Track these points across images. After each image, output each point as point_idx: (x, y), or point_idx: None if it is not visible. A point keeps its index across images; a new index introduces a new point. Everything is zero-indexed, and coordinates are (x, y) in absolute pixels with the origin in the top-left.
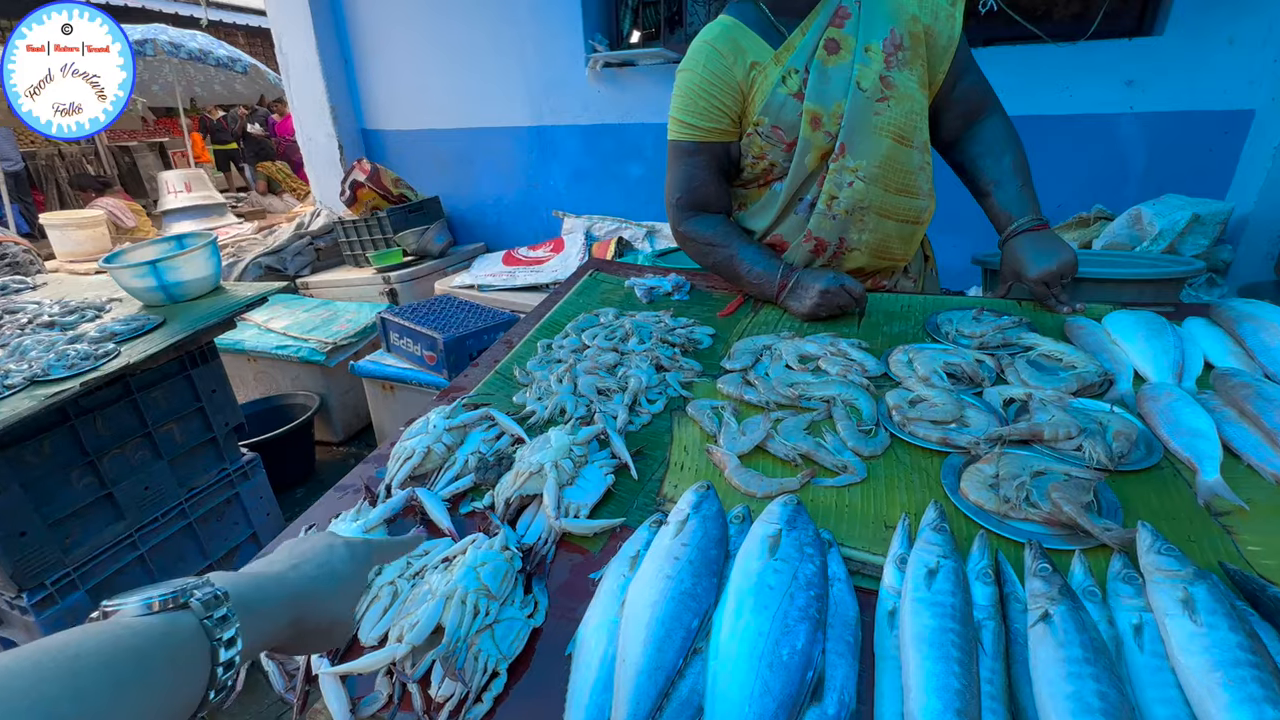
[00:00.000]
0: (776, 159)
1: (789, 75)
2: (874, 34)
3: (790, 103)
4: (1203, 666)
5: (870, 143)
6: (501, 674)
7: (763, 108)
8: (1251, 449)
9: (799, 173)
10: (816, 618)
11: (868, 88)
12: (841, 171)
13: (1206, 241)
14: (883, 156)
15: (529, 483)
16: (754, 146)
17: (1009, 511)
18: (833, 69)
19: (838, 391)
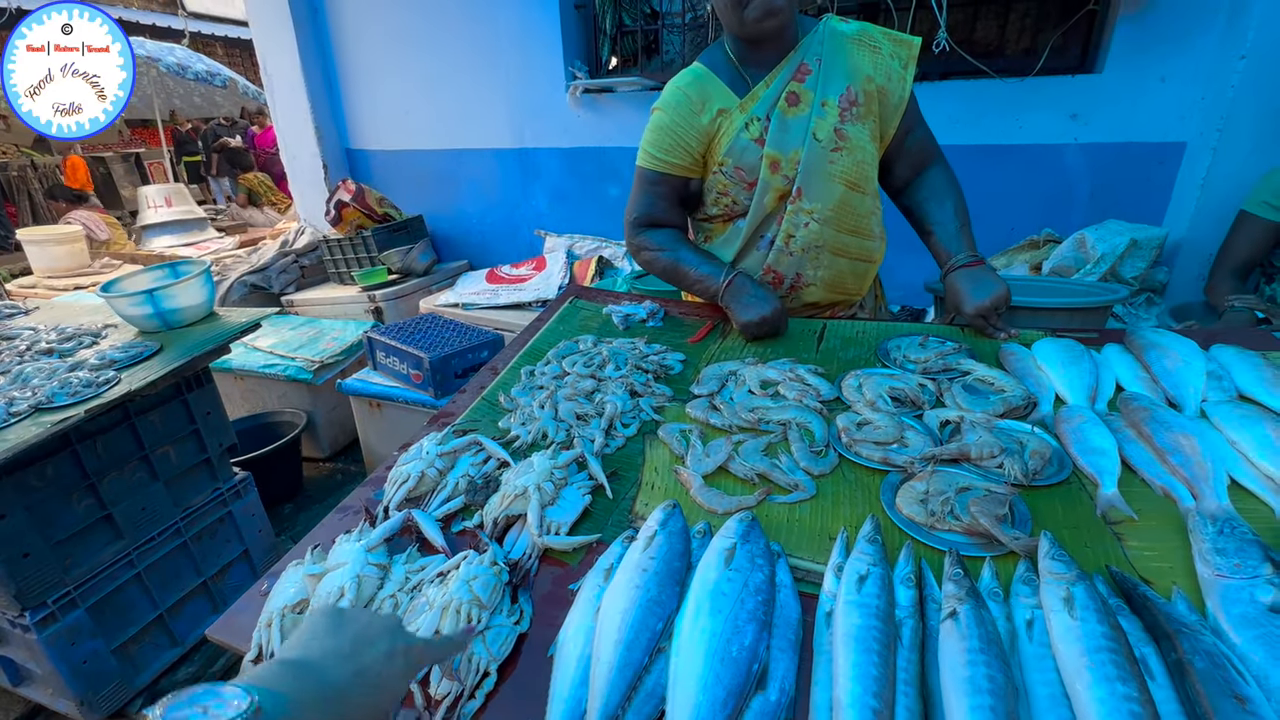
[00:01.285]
0: (738, 197)
1: (751, 122)
2: (831, 90)
3: (752, 147)
4: (1074, 652)
5: (825, 188)
6: (492, 674)
7: (727, 150)
8: (1145, 465)
9: (759, 211)
10: (763, 619)
11: (823, 138)
12: (798, 213)
13: (1144, 264)
14: (836, 200)
15: (514, 504)
16: (718, 184)
17: (935, 524)
18: (792, 119)
19: (793, 415)
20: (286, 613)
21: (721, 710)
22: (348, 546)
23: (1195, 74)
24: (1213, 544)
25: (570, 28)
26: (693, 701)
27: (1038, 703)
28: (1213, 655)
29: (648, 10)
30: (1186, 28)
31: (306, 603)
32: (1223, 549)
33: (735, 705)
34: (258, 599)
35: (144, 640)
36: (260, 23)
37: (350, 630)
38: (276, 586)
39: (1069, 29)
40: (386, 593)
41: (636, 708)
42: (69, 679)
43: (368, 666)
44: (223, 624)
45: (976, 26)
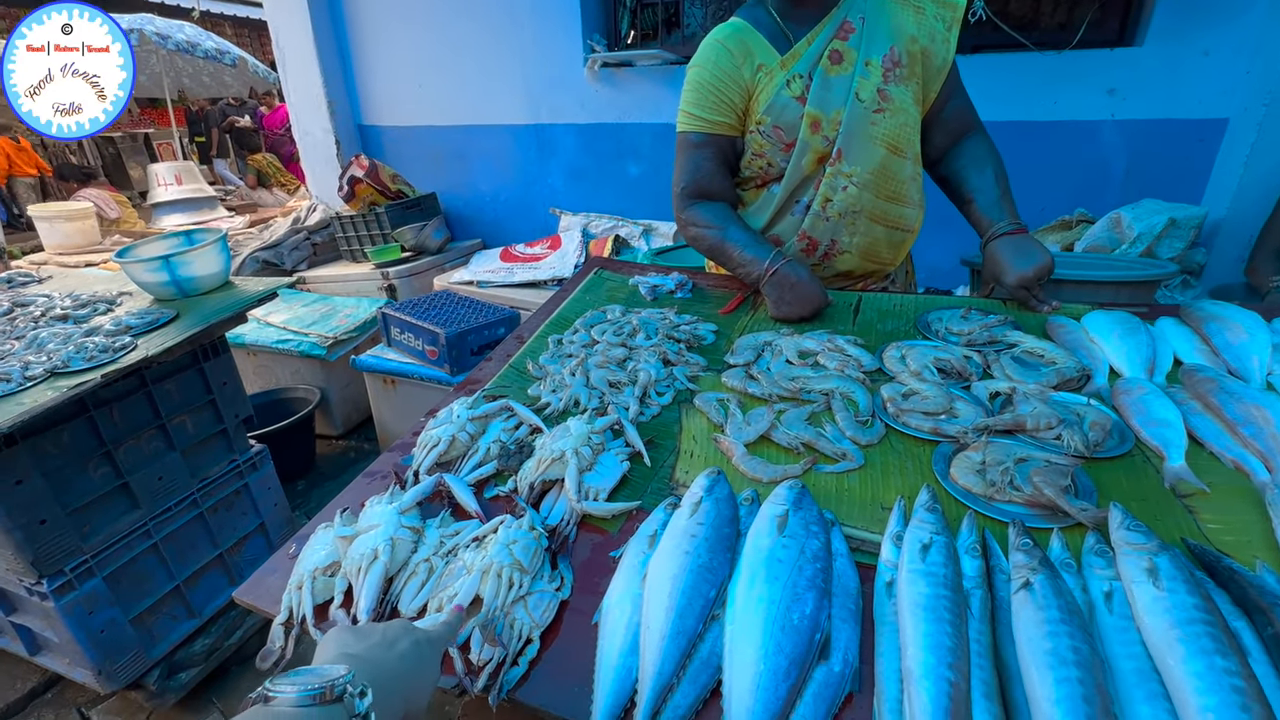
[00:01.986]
0: (773, 159)
1: (793, 80)
2: (875, 50)
3: (793, 105)
4: (1163, 625)
5: (866, 150)
6: (535, 640)
7: (766, 107)
8: (1213, 438)
9: (796, 174)
10: (822, 587)
11: (866, 99)
12: (837, 176)
13: (1182, 245)
14: (877, 164)
15: (551, 468)
16: (754, 144)
17: (994, 494)
18: (834, 78)
19: (836, 385)
20: (318, 575)
21: (784, 680)
22: (380, 509)
23: (1241, 46)
24: None
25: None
26: (753, 671)
27: (1123, 677)
28: None
29: None
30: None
31: (338, 565)
32: None
33: (798, 675)
34: (285, 562)
35: (161, 611)
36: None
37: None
38: (305, 549)
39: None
40: (420, 557)
41: (691, 676)
42: (86, 648)
43: (406, 652)
44: (249, 587)
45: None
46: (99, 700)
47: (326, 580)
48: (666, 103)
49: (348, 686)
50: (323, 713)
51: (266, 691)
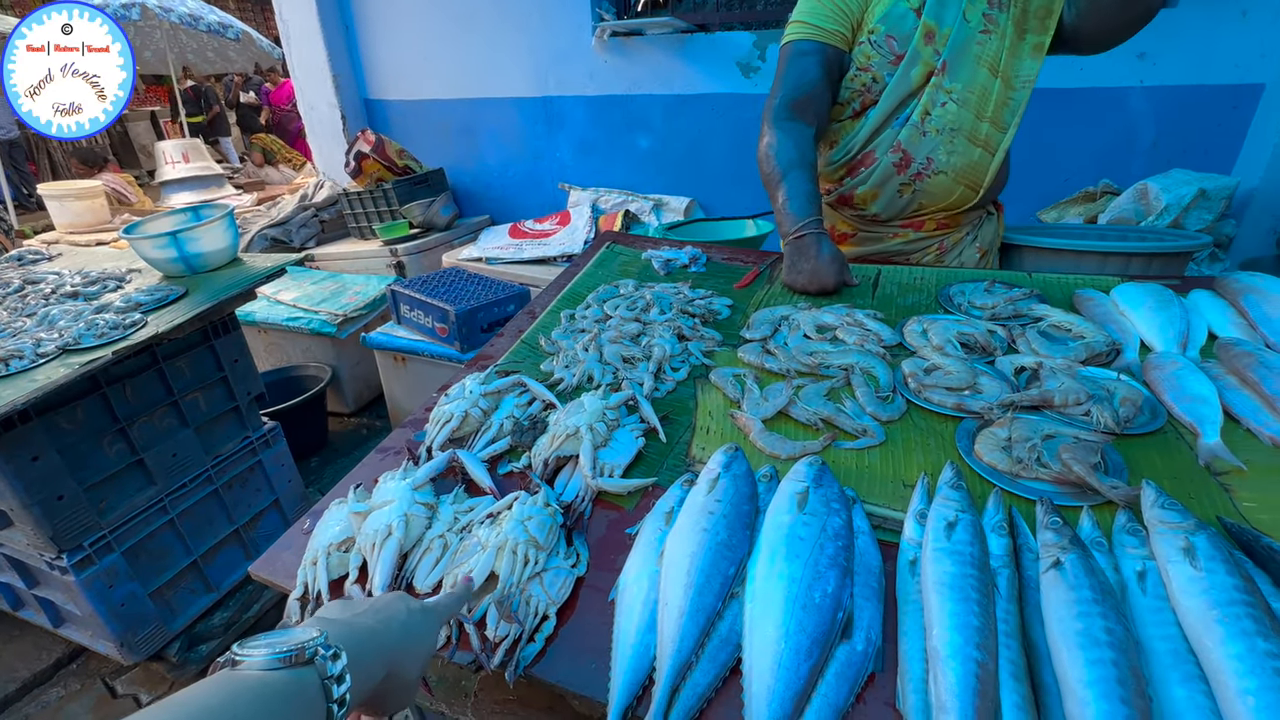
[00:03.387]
0: (879, 73)
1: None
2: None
3: (910, 15)
4: (1201, 606)
5: (969, 69)
6: (551, 617)
7: (882, 16)
8: (1250, 414)
9: (903, 85)
10: (844, 565)
11: (973, 20)
12: (938, 90)
13: (1211, 216)
14: (979, 84)
15: (565, 444)
16: (861, 57)
17: (1021, 471)
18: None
19: (855, 360)
20: (332, 550)
21: (806, 659)
22: (393, 484)
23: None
24: None
25: None
26: (774, 649)
27: (1158, 658)
28: None
29: None
30: None
31: (352, 541)
32: None
33: (820, 654)
34: (300, 537)
35: (179, 585)
36: None
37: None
38: (320, 524)
39: None
40: (435, 533)
41: (711, 654)
42: (108, 620)
43: (393, 617)
44: (264, 562)
45: None
46: (122, 671)
47: (341, 556)
48: (677, 73)
49: (319, 649)
50: (292, 675)
51: (234, 655)
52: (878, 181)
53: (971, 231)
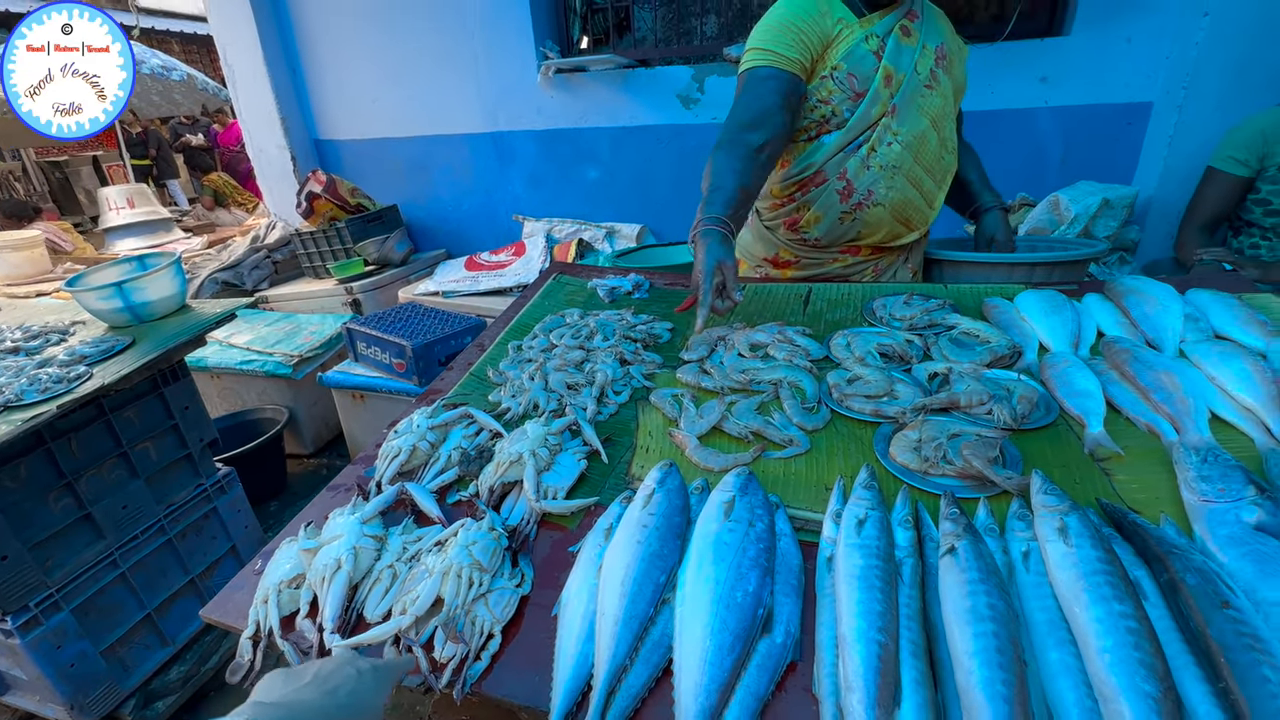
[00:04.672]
0: (839, 107)
1: (871, 36)
2: (931, 38)
3: (870, 58)
4: (1070, 578)
5: (914, 117)
6: (496, 635)
7: (844, 55)
8: (1129, 404)
9: (863, 120)
10: (765, 565)
11: (922, 73)
12: (887, 130)
13: (1116, 223)
14: (919, 131)
15: (509, 471)
16: (821, 90)
17: (929, 469)
18: (904, 47)
19: (784, 375)
20: (283, 588)
21: (729, 654)
22: (342, 520)
23: (1160, 33)
24: (1197, 472)
25: (539, 7)
26: (700, 647)
27: (1036, 628)
28: (1203, 572)
29: None
30: None
31: (302, 577)
32: (1207, 476)
33: (742, 649)
34: (252, 578)
35: (133, 641)
36: (218, 13)
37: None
38: (270, 564)
39: None
40: (384, 564)
41: (644, 657)
42: (56, 683)
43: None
44: (216, 604)
45: None
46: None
47: (292, 592)
48: (621, 106)
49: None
50: None
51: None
52: (823, 205)
53: (904, 254)
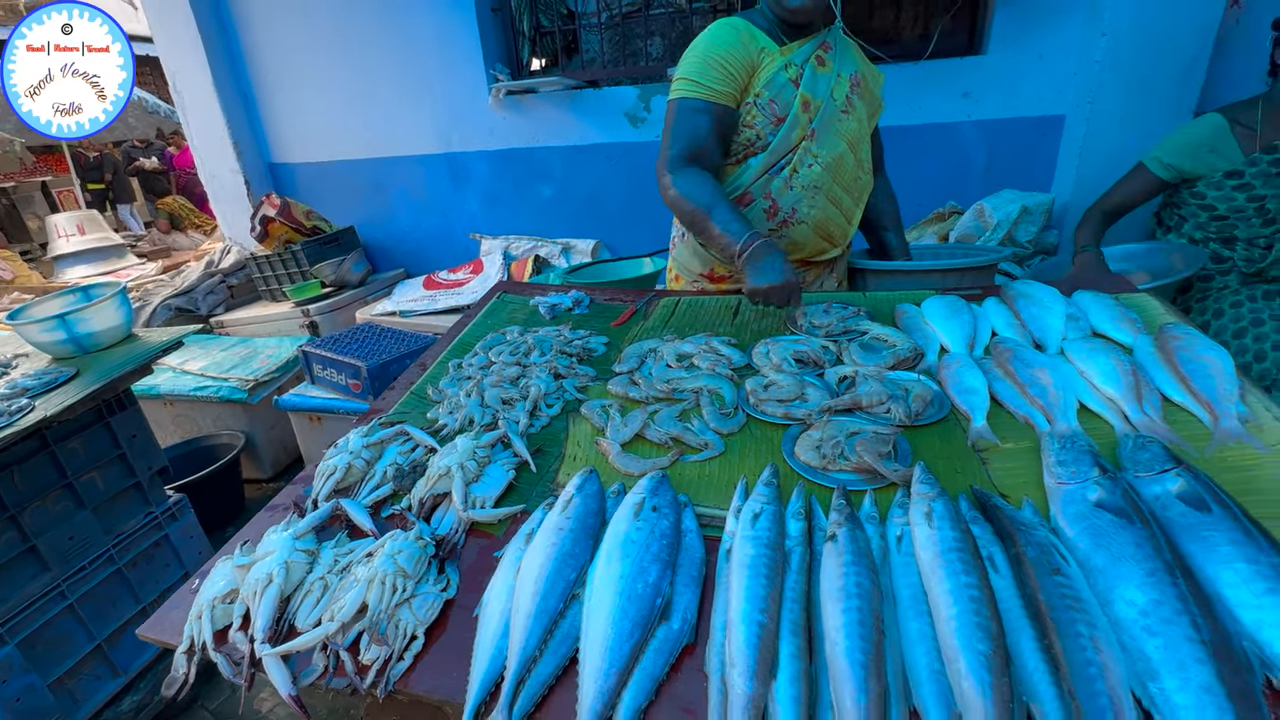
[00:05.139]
0: (762, 131)
1: (790, 65)
2: (845, 68)
3: (789, 86)
4: (930, 556)
5: (831, 140)
6: (420, 637)
7: (765, 83)
8: (1009, 399)
9: (784, 144)
10: (666, 560)
11: (838, 99)
12: (807, 153)
13: (1036, 228)
14: (837, 154)
15: (439, 483)
16: (747, 115)
17: (828, 465)
18: (820, 75)
19: (705, 383)
20: (217, 603)
21: (628, 640)
22: (275, 536)
23: (1067, 51)
24: (1056, 458)
25: (488, 31)
26: (602, 634)
27: (902, 602)
28: (1042, 545)
29: (564, 11)
30: (1056, 8)
31: (236, 593)
32: (1063, 461)
33: (641, 635)
34: (188, 596)
35: (82, 673)
36: (165, 38)
37: None
38: (206, 581)
39: (956, 14)
40: (315, 576)
41: (553, 649)
42: (2, 717)
43: None
44: (153, 623)
45: (874, 16)
46: None
47: (225, 607)
48: (571, 126)
49: None
50: None
51: None
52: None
53: (830, 268)
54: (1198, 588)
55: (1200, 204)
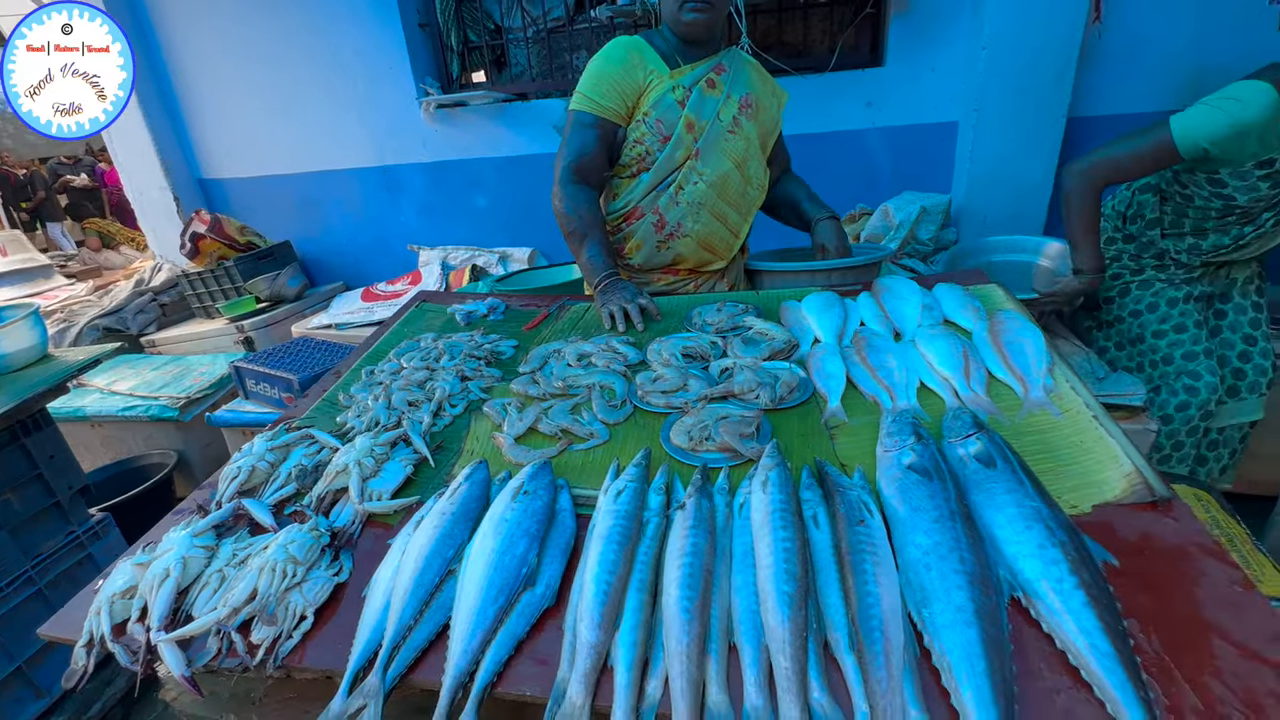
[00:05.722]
0: (651, 148)
1: (677, 88)
2: (737, 90)
3: (675, 107)
4: (760, 517)
5: (717, 159)
6: (309, 617)
7: (653, 103)
8: (862, 381)
9: (669, 163)
10: (534, 534)
11: (724, 120)
12: (692, 171)
13: (935, 227)
14: (723, 172)
15: (337, 480)
16: (637, 133)
17: (696, 447)
18: (708, 97)
19: (598, 379)
20: (116, 599)
21: (493, 605)
22: (174, 535)
23: (955, 63)
24: (885, 430)
25: (417, 45)
26: (471, 601)
27: (736, 559)
28: (852, 503)
29: (491, 26)
30: (943, 23)
31: (135, 589)
32: (890, 432)
33: (506, 600)
34: (90, 596)
35: (3, 696)
36: None
37: None
38: (107, 580)
39: (860, 28)
40: (213, 569)
41: (428, 617)
42: None
43: None
44: (55, 622)
45: (785, 30)
46: None
47: (124, 603)
48: (503, 138)
49: None
50: None
51: None
52: (641, 235)
53: (721, 275)
54: (975, 530)
55: (1217, 191)
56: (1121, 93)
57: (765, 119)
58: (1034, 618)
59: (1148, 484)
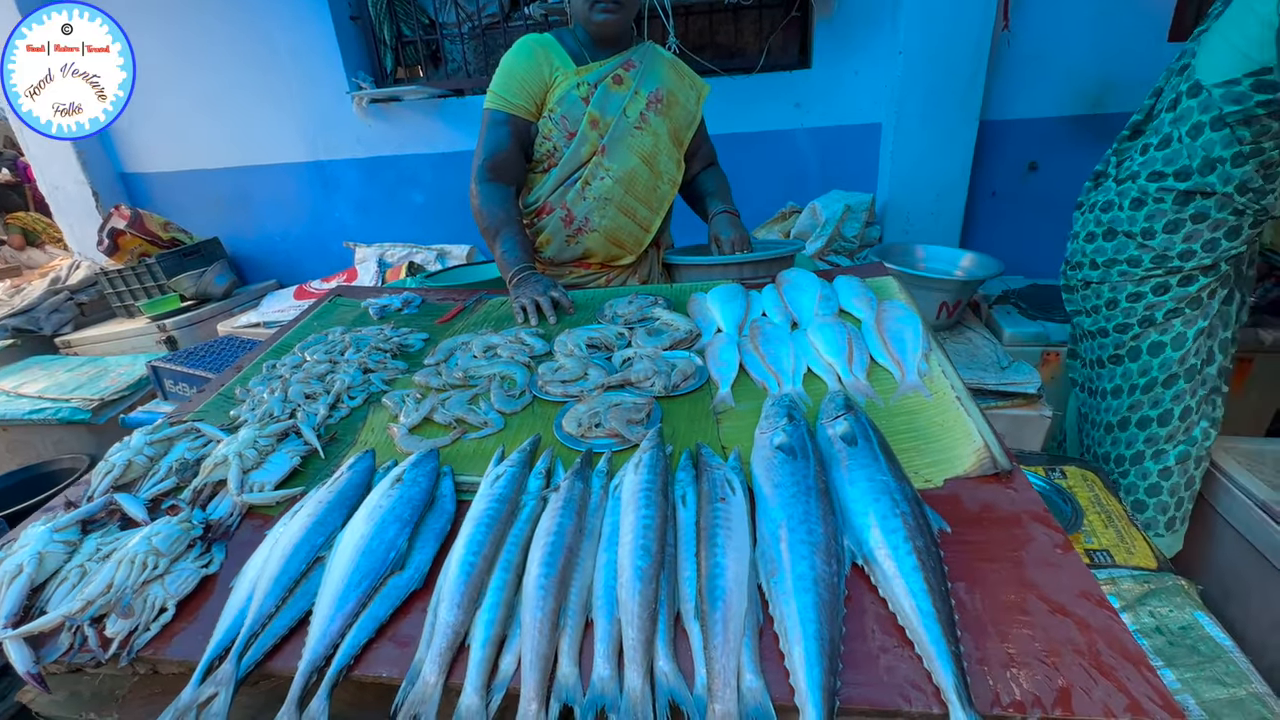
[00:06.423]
0: (558, 144)
1: (582, 85)
2: (646, 85)
3: (579, 104)
4: (629, 497)
5: (623, 155)
6: (170, 609)
7: (558, 100)
8: (753, 368)
9: (574, 159)
10: (406, 519)
11: (631, 116)
12: (599, 167)
13: (859, 225)
14: (629, 168)
15: (216, 471)
16: (545, 128)
17: (585, 433)
18: (613, 94)
19: (499, 369)
20: None
21: (356, 589)
22: (32, 530)
23: (876, 67)
24: (765, 414)
25: (348, 39)
26: (334, 584)
27: (605, 538)
28: (715, 482)
29: (425, 21)
30: (865, 28)
31: None
32: (768, 415)
33: (370, 584)
34: None
35: None
36: None
37: None
38: None
39: (787, 31)
40: (74, 564)
41: (291, 604)
42: None
43: None
44: None
45: (718, 31)
46: None
47: None
48: (439, 134)
49: None
50: None
51: None
52: (551, 230)
53: (633, 270)
54: (828, 503)
55: None
56: (1030, 97)
57: (679, 114)
58: (873, 584)
59: (993, 458)
